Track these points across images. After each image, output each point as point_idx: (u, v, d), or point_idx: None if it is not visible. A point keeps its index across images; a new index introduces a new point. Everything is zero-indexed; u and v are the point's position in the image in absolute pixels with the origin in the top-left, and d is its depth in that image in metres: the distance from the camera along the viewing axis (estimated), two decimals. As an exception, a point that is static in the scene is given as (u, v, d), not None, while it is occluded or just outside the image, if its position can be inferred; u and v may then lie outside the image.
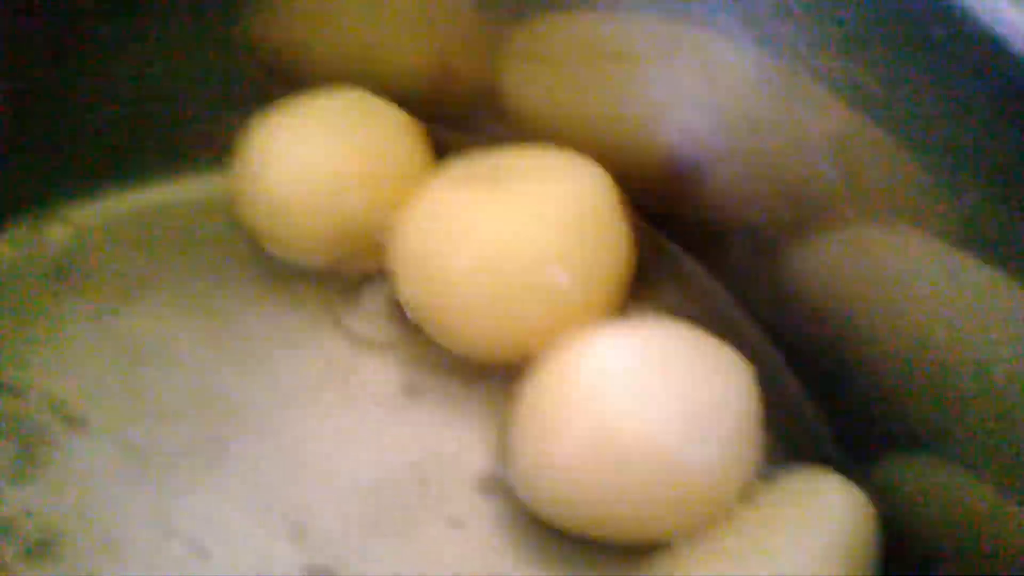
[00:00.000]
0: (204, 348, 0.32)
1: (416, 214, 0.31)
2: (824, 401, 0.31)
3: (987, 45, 0.22)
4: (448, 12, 0.33)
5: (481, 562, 0.29)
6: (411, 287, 0.31)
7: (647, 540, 0.27)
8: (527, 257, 0.29)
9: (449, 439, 0.31)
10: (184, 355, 0.32)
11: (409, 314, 0.32)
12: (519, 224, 0.29)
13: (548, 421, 0.27)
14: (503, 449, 0.30)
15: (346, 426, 0.31)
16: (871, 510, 0.26)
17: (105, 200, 0.35)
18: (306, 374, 0.32)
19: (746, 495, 0.27)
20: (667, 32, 0.30)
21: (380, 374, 0.32)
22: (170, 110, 0.35)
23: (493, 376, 0.31)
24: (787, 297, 0.31)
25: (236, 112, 0.34)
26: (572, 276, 0.29)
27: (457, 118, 0.35)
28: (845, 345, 0.29)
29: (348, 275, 0.34)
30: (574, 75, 0.32)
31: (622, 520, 0.27)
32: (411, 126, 0.33)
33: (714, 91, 0.29)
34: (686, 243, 0.34)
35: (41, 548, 0.29)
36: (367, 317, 0.33)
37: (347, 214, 0.32)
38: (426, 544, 0.29)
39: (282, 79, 0.35)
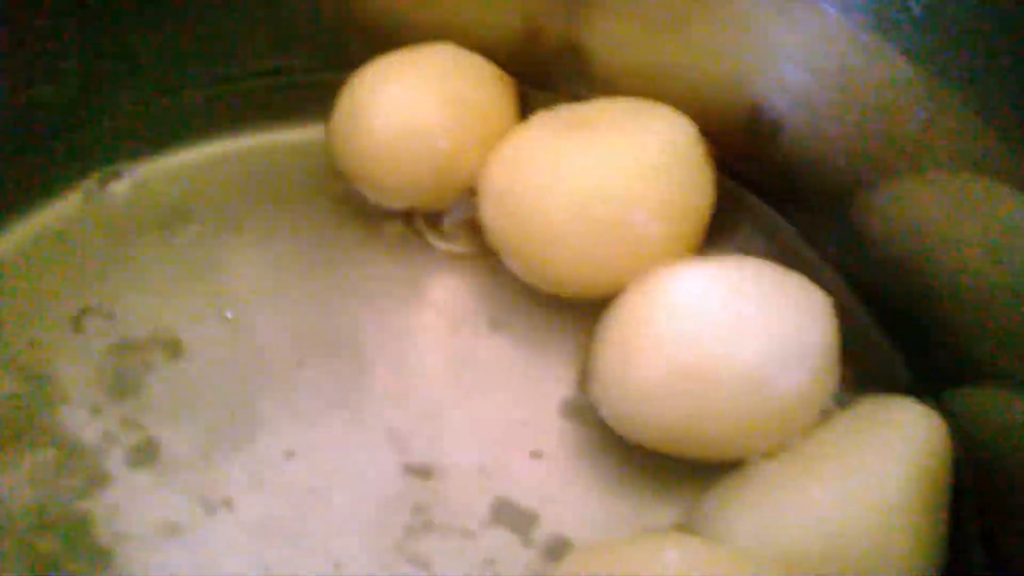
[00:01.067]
0: (293, 278, 0.34)
1: (506, 157, 0.33)
2: (895, 334, 0.32)
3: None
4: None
5: (561, 486, 0.30)
6: (499, 225, 0.32)
7: (727, 458, 0.28)
8: (615, 200, 0.30)
9: (532, 368, 0.32)
10: (274, 284, 0.34)
11: (497, 251, 0.33)
12: (608, 168, 0.31)
13: (635, 342, 0.28)
14: (586, 374, 0.31)
15: (431, 353, 0.33)
16: (946, 431, 0.27)
17: (209, 146, 0.37)
18: (393, 303, 0.34)
19: (824, 419, 0.28)
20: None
21: (465, 308, 0.34)
22: (271, 66, 0.38)
23: (574, 310, 0.33)
24: (859, 237, 0.32)
25: (333, 69, 0.36)
26: (656, 218, 0.31)
27: (544, 75, 0.37)
28: (915, 281, 0.31)
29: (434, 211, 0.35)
30: (658, 30, 0.34)
31: (705, 440, 0.28)
32: (501, 78, 0.35)
33: (800, 42, 0.31)
34: (760, 190, 0.35)
35: (141, 454, 0.31)
36: (450, 235, 0.35)
37: (438, 160, 0.33)
38: (511, 467, 0.30)
39: (377, 39, 0.37)
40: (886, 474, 0.26)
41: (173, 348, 0.33)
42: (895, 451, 0.26)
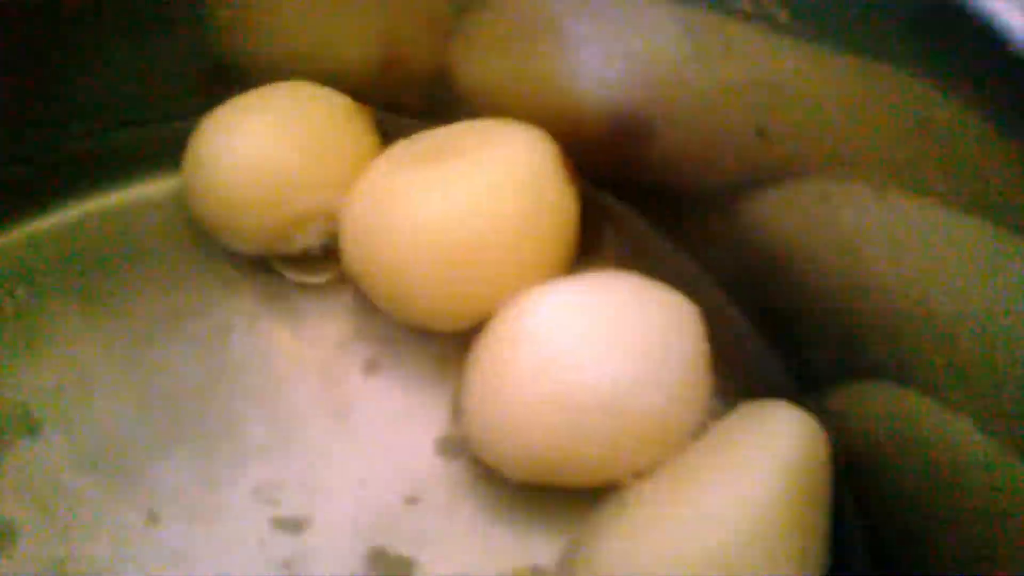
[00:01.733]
0: (151, 339, 0.33)
1: (360, 195, 0.32)
2: (776, 340, 0.31)
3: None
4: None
5: (439, 528, 0.29)
6: (360, 263, 0.31)
7: (600, 484, 0.27)
8: (469, 225, 0.29)
9: (408, 408, 0.31)
10: (131, 347, 0.33)
11: (363, 290, 0.32)
12: (461, 193, 0.30)
13: (498, 377, 0.27)
14: (457, 410, 0.30)
15: (304, 401, 0.32)
16: (820, 431, 0.26)
17: (58, 212, 0.36)
18: (260, 351, 0.33)
19: (698, 432, 0.27)
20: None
21: (336, 351, 0.33)
22: (117, 118, 0.37)
23: (449, 343, 0.32)
24: (737, 242, 0.32)
25: (185, 114, 0.35)
26: (515, 240, 0.30)
27: (409, 105, 0.36)
28: (793, 286, 0.30)
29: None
30: (516, 50, 0.33)
31: (576, 467, 0.27)
32: (356, 111, 0.34)
33: (641, 49, 0.30)
34: (634, 202, 0.35)
35: (2, 538, 0.29)
36: (308, 267, 0.34)
37: (295, 203, 0.32)
38: (387, 514, 0.29)
39: (231, 79, 0.36)
40: (758, 481, 0.25)
41: (28, 425, 0.31)
42: (766, 456, 0.25)
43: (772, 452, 0.25)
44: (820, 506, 0.26)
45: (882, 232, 0.26)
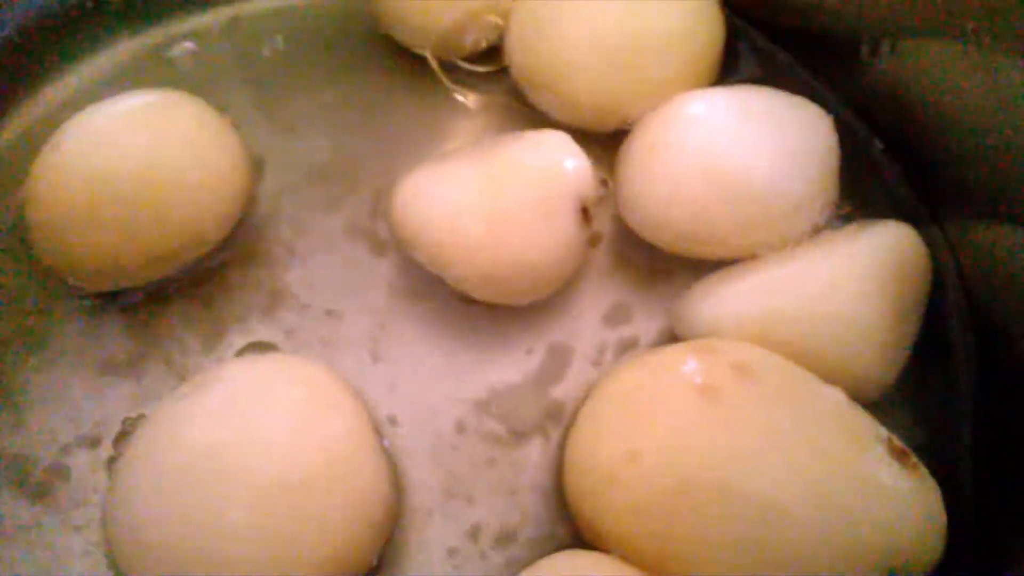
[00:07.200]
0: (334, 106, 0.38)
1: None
2: (906, 164, 0.34)
3: None
4: None
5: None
6: (525, 62, 0.35)
7: (734, 256, 0.31)
8: (630, 33, 0.33)
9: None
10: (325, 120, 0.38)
11: (523, 89, 0.36)
12: (623, 5, 0.33)
13: (657, 156, 0.31)
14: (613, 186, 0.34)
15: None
16: (919, 243, 0.30)
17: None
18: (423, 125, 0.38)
19: (821, 228, 0.31)
20: None
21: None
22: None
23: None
24: (874, 83, 0.34)
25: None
26: (668, 50, 0.33)
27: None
28: (923, 119, 0.33)
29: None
30: None
31: (715, 237, 0.31)
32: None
33: None
34: (774, 34, 0.38)
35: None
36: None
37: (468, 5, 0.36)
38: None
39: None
40: (852, 266, 0.29)
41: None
42: (862, 244, 0.29)
43: (868, 244, 0.29)
44: (910, 307, 0.30)
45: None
